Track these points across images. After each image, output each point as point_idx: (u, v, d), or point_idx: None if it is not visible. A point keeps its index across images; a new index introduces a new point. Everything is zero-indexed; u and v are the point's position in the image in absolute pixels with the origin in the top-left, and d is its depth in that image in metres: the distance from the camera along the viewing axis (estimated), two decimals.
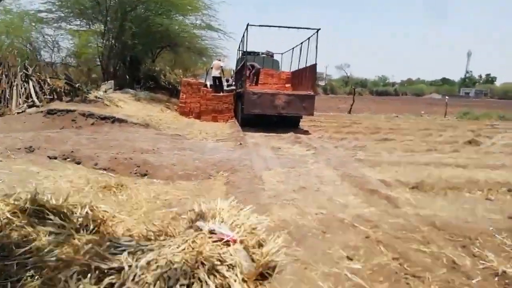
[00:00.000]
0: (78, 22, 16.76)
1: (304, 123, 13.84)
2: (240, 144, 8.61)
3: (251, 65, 14.69)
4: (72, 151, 5.76)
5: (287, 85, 15.00)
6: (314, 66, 11.38)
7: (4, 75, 12.89)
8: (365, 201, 4.57)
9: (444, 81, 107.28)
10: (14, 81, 12.63)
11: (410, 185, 5.48)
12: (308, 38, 12.32)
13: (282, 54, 17.30)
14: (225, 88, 16.25)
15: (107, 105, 11.31)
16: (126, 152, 6.31)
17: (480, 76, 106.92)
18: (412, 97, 76.55)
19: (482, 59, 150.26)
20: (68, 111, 9.22)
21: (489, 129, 14.44)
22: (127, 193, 4.48)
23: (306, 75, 12.22)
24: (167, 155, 6.52)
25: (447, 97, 27.55)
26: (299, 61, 13.96)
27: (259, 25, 10.98)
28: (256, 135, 10.78)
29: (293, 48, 15.18)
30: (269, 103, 11.20)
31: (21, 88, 12.51)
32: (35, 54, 17.53)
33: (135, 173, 5.50)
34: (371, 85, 79.42)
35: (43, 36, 17.96)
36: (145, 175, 5.50)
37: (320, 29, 11.09)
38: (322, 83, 73.56)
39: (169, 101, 16.86)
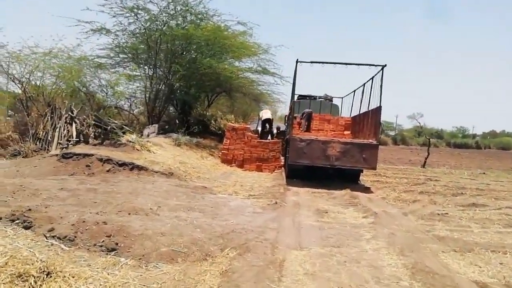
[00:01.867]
0: (132, 66, 16.62)
1: (366, 178, 11.48)
2: (276, 203, 6.66)
3: (302, 113, 13.01)
4: (29, 209, 4.29)
5: (346, 132, 12.90)
6: (378, 110, 9.30)
7: (49, 117, 12.69)
8: None
9: None
10: (58, 123, 12.31)
11: None
12: (372, 78, 10.36)
13: (342, 98, 15.41)
14: (275, 134, 14.62)
15: (137, 149, 10.19)
16: (109, 212, 4.72)
17: None
18: (497, 151, 68.33)
19: None
20: (85, 155, 8.13)
21: None
22: None
23: (369, 121, 10.12)
24: (162, 218, 4.81)
25: None
26: (360, 104, 11.94)
27: (310, 62, 9.35)
28: (301, 190, 8.76)
29: (354, 91, 13.24)
30: (320, 152, 9.23)
31: (63, 130, 12.10)
32: (89, 97, 17.75)
33: (100, 246, 3.81)
34: (448, 137, 72.82)
35: (99, 80, 18.25)
36: (113, 250, 3.78)
37: (385, 65, 9.12)
38: (392, 133, 69.23)
39: (215, 147, 15.59)
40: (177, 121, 19.26)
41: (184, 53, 14.80)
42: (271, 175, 11.62)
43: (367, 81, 10.93)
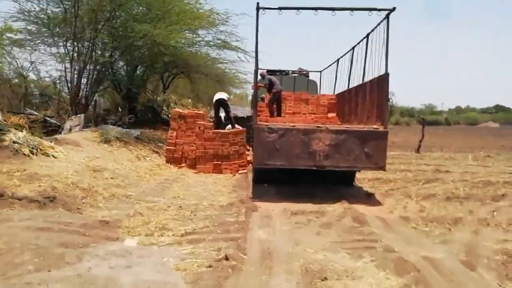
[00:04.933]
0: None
1: (361, 175, 8.44)
2: (226, 258, 3.42)
3: (269, 79, 9.74)
4: None
5: (330, 115, 9.74)
6: (383, 79, 6.16)
7: None
8: None
9: (498, 108, 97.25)
10: None
11: None
12: (368, 34, 7.18)
13: (320, 72, 12.22)
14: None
15: (25, 154, 6.66)
16: None
17: None
18: (467, 126, 68.34)
19: None
20: None
21: None
22: None
23: (366, 97, 6.98)
24: None
25: None
26: (349, 75, 8.79)
27: (278, 8, 6.00)
28: (274, 210, 5.59)
29: (338, 60, 10.06)
30: (300, 147, 6.04)
31: None
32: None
33: None
34: (417, 114, 72.25)
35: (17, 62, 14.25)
36: None
37: (394, 9, 5.93)
38: None
39: (166, 141, 12.11)
40: (119, 109, 15.58)
41: (113, 18, 11.06)
42: (233, 179, 8.36)
43: (360, 41, 7.75)
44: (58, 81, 14.05)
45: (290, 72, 12.49)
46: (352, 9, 6.03)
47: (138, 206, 5.41)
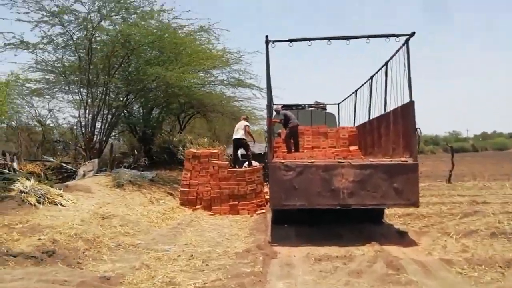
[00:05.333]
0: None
1: (390, 210, 7.73)
2: None
3: (284, 114, 9.37)
4: None
5: (352, 148, 9.19)
6: (409, 107, 5.66)
7: None
8: None
9: None
10: None
11: None
12: (387, 62, 6.79)
13: (338, 104, 11.82)
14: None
15: (31, 204, 6.38)
16: None
17: None
18: (496, 152, 65.79)
19: None
20: None
21: None
22: None
23: (391, 128, 6.45)
24: None
25: None
26: (369, 107, 8.32)
27: (288, 40, 5.68)
28: (296, 256, 5.00)
29: (356, 91, 9.65)
30: (321, 185, 5.51)
31: None
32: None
33: None
34: (444, 142, 70.31)
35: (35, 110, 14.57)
36: None
37: (414, 34, 5.51)
38: None
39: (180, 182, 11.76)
40: (135, 152, 15.50)
41: (125, 63, 11.15)
42: (250, 220, 7.82)
43: (379, 70, 7.35)
44: (75, 127, 14.17)
45: (307, 106, 12.16)
46: (368, 37, 5.66)
47: (145, 257, 4.93)
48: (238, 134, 10.00)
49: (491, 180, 14.37)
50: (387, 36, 5.70)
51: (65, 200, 7.05)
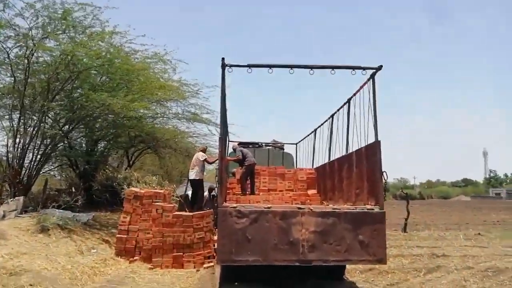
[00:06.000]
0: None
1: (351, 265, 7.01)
2: None
3: (241, 151, 8.72)
4: None
5: (310, 192, 8.57)
6: (374, 147, 5.17)
7: None
8: None
9: (466, 181, 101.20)
10: None
11: None
12: (349, 99, 6.39)
13: (296, 144, 11.35)
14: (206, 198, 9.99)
15: None
16: None
17: (506, 175, 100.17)
18: (440, 200, 69.21)
19: (501, 157, 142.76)
20: None
21: None
22: None
23: (355, 170, 5.91)
24: None
25: None
26: (329, 147, 7.83)
27: (247, 66, 5.11)
28: None
29: (315, 130, 9.21)
30: (278, 236, 4.72)
31: None
32: None
33: None
34: (393, 189, 72.77)
35: None
36: None
37: (381, 67, 5.17)
38: None
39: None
40: (73, 189, 13.85)
41: (68, 87, 10.01)
42: (196, 277, 6.72)
43: (340, 107, 6.93)
44: (4, 157, 12.48)
45: (264, 144, 11.60)
46: (333, 67, 5.21)
47: None
48: (192, 173, 9.10)
49: (444, 230, 14.35)
50: (353, 68, 5.29)
51: None
